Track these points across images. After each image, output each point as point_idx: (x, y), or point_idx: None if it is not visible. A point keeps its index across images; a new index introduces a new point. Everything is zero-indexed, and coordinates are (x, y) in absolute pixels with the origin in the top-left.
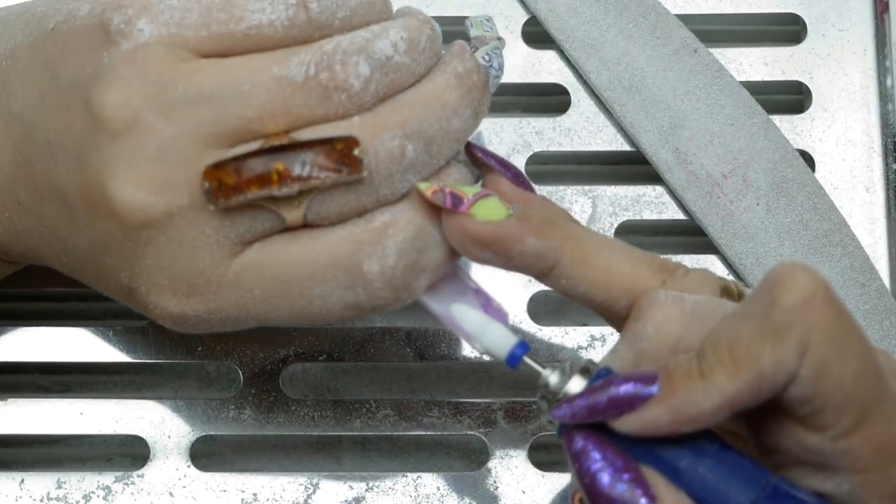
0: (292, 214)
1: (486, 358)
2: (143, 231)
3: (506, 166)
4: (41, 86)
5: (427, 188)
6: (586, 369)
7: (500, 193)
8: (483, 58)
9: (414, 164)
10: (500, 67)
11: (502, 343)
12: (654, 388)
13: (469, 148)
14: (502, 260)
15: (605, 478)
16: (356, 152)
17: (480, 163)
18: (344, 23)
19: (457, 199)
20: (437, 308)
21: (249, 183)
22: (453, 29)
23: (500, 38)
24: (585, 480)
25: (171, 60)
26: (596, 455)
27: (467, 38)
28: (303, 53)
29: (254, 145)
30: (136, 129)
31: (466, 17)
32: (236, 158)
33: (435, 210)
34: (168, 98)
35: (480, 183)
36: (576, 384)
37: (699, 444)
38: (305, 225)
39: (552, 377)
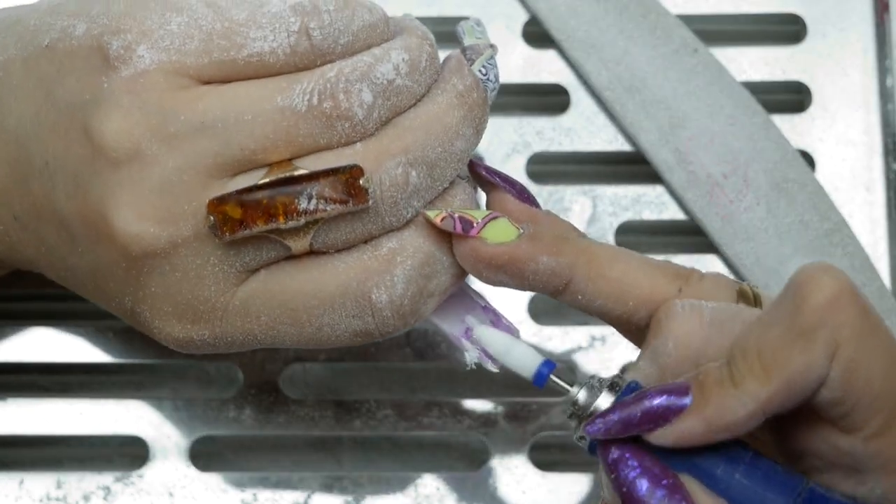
0: (298, 244)
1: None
2: (147, 261)
3: (510, 182)
4: (36, 104)
5: (436, 215)
6: (615, 384)
7: (507, 212)
8: (480, 71)
9: (418, 190)
10: (497, 79)
11: (528, 362)
12: (687, 400)
13: (472, 167)
14: (516, 281)
15: (643, 485)
16: (361, 182)
17: (485, 181)
18: (346, 48)
19: (466, 224)
20: (448, 328)
21: (255, 217)
22: (453, 29)
23: (492, 46)
24: (624, 490)
25: (172, 88)
26: (633, 463)
27: (461, 46)
28: (305, 81)
29: (257, 174)
30: (138, 160)
31: (459, 23)
32: (240, 192)
33: (441, 234)
34: (170, 128)
35: (485, 201)
36: (605, 400)
37: (733, 451)
38: (311, 252)
39: (581, 394)
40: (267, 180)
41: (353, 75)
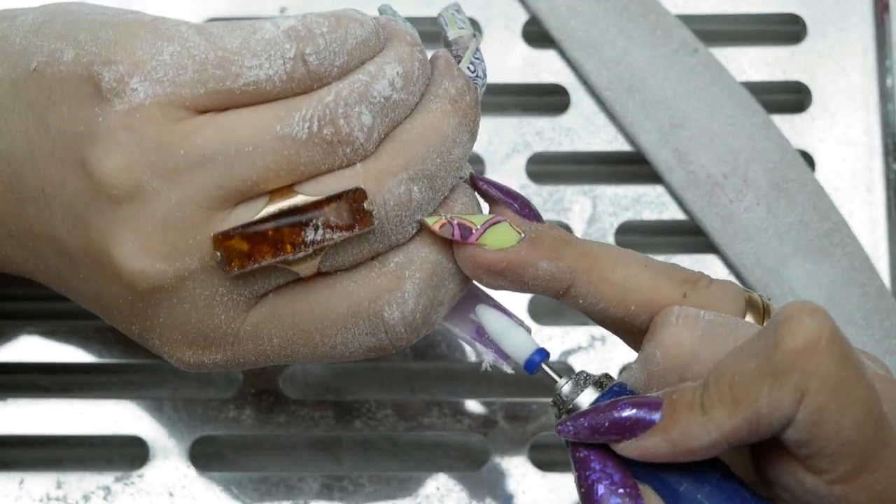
0: (307, 270)
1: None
2: (154, 294)
3: (512, 196)
4: (29, 129)
5: (434, 222)
6: (600, 383)
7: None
8: (468, 68)
9: (421, 205)
10: (485, 73)
11: (523, 347)
12: (656, 416)
13: (474, 181)
14: (517, 286)
15: (601, 489)
16: (365, 205)
17: (487, 195)
18: (342, 69)
19: (465, 230)
20: (460, 332)
21: (262, 251)
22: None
23: (475, 35)
24: (582, 490)
25: (169, 121)
26: (596, 466)
27: (444, 39)
28: (304, 108)
29: (260, 204)
30: (139, 196)
31: (439, 12)
32: (245, 226)
33: (446, 242)
34: (170, 163)
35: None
36: (587, 396)
37: (701, 470)
38: (319, 273)
39: (566, 387)
40: (271, 212)
41: (352, 98)
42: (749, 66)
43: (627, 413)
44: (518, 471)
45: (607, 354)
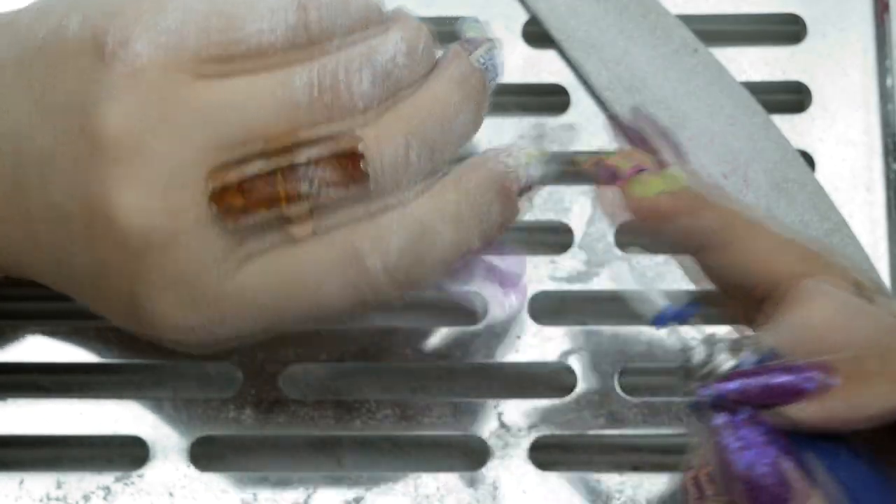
0: (300, 229)
1: (486, 358)
2: (148, 251)
3: (665, 137)
4: (30, 103)
5: (585, 161)
6: (738, 348)
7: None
8: (478, 60)
9: (418, 171)
10: (496, 70)
11: (653, 303)
12: (831, 380)
13: (620, 123)
14: (653, 237)
15: (748, 457)
16: (361, 165)
17: (636, 137)
18: (345, 36)
19: (613, 173)
20: (482, 287)
21: (258, 204)
22: (452, 29)
23: (491, 40)
24: (726, 457)
25: (171, 83)
26: (745, 433)
27: (461, 40)
28: (305, 72)
29: (259, 163)
30: (138, 153)
31: (458, 21)
32: (242, 181)
33: (444, 209)
34: (170, 122)
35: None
36: (727, 362)
37: (848, 447)
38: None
39: (700, 350)
40: (268, 168)
41: (353, 63)
42: (749, 66)
43: (799, 376)
44: (518, 471)
45: (608, 355)
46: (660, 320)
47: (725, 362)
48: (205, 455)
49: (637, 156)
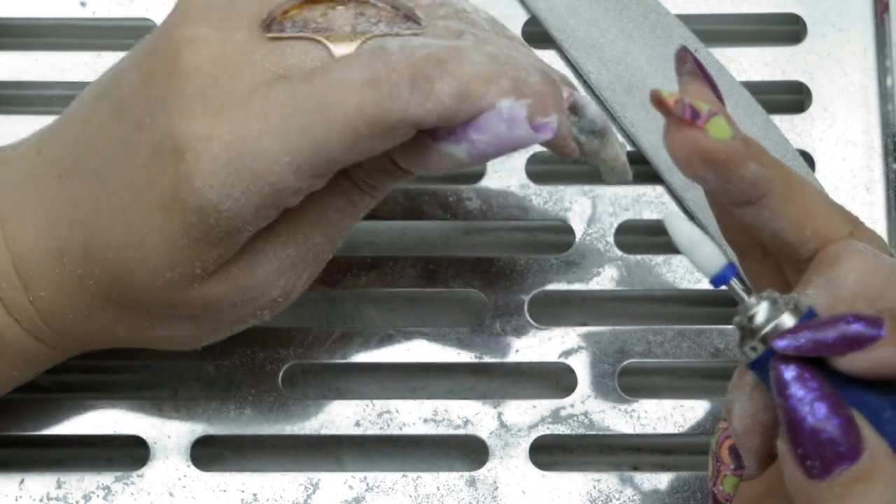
0: (343, 49)
1: (487, 358)
2: (192, 66)
3: (713, 85)
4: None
5: (669, 96)
6: (797, 307)
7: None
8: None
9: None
10: (588, 119)
11: (712, 262)
12: (882, 331)
13: (689, 57)
14: (721, 181)
15: (822, 409)
16: (415, 27)
17: (693, 74)
18: None
19: (695, 113)
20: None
21: (303, 10)
22: None
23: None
24: (796, 411)
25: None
26: (813, 385)
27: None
28: None
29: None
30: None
31: None
32: (301, 4)
33: (480, 46)
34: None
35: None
36: (788, 319)
37: (892, 402)
38: None
39: (762, 307)
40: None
41: None
42: (749, 66)
43: (856, 327)
44: (518, 471)
45: (608, 355)
46: (720, 279)
47: (788, 321)
48: (205, 455)
49: (710, 98)
